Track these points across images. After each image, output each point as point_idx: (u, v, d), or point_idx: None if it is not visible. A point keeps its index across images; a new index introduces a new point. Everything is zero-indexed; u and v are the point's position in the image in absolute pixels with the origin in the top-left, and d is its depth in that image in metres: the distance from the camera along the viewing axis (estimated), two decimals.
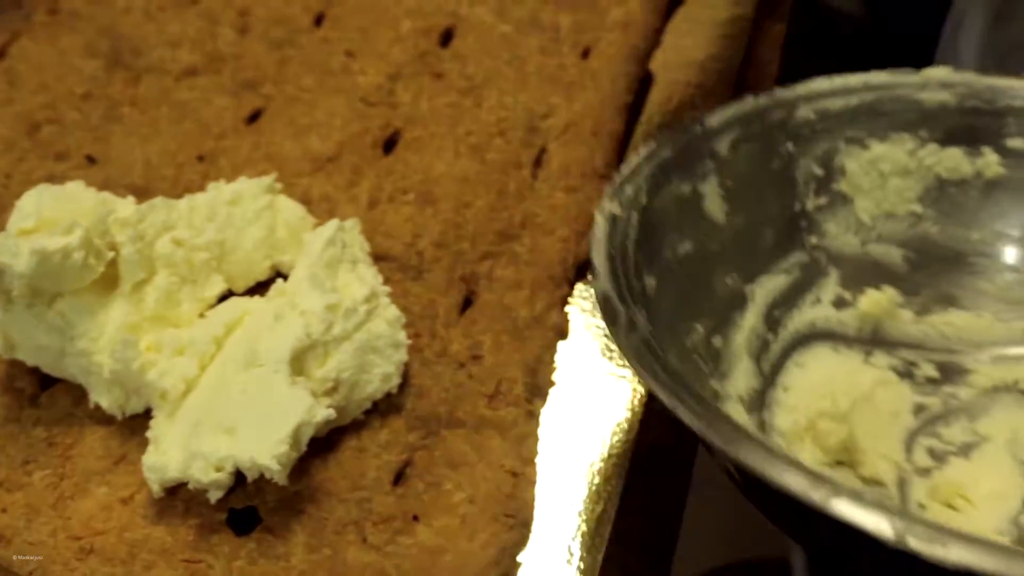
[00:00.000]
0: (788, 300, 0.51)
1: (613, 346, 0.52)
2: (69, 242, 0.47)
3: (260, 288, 0.51)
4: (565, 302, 0.53)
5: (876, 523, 0.34)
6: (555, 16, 0.66)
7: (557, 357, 0.51)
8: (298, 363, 0.45)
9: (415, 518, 0.44)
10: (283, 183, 0.55)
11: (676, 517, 0.47)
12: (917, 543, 0.33)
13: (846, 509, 0.34)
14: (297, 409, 0.42)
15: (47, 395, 0.49)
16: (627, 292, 0.42)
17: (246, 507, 0.44)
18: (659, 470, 0.48)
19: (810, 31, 0.71)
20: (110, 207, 0.50)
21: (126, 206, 0.51)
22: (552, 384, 0.50)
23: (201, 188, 0.57)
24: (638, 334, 0.40)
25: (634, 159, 0.47)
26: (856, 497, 0.34)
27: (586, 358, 0.52)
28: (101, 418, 0.47)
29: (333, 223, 0.48)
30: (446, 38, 0.66)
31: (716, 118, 0.49)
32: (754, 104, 0.50)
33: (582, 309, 0.54)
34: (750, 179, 0.50)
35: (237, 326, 0.48)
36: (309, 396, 0.43)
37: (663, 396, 0.38)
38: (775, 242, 0.52)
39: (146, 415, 0.46)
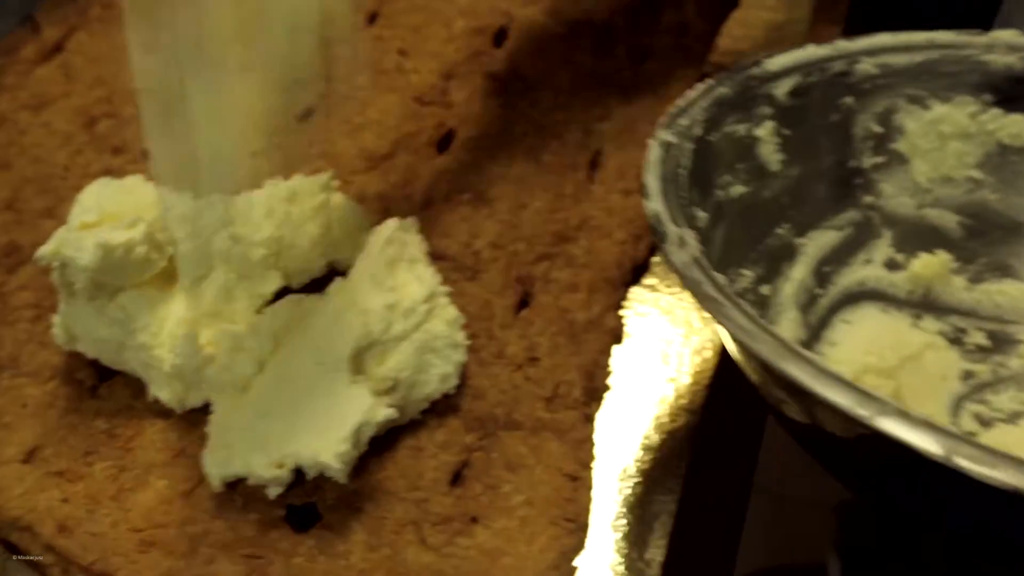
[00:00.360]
0: (839, 257, 0.51)
1: (670, 351, 0.52)
2: (132, 236, 0.47)
3: (316, 285, 0.51)
4: (620, 306, 0.53)
5: (924, 440, 0.32)
6: (609, 17, 0.66)
7: (612, 361, 0.51)
8: (357, 361, 0.45)
9: (473, 519, 0.44)
10: (338, 181, 0.55)
11: (737, 521, 0.46)
12: (965, 461, 0.32)
13: (893, 426, 0.33)
14: (358, 408, 0.42)
15: (106, 387, 0.49)
16: (679, 214, 0.41)
17: (305, 504, 0.44)
18: (717, 474, 0.47)
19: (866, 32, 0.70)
20: (169, 202, 0.50)
21: (184, 201, 0.51)
22: (607, 388, 0.50)
23: (256, 184, 0.57)
24: (688, 250, 0.40)
25: (691, 93, 0.46)
26: (904, 415, 0.33)
27: (641, 363, 0.52)
28: (160, 411, 0.47)
29: (393, 221, 0.48)
30: (499, 38, 0.66)
31: (776, 62, 0.48)
32: (815, 53, 0.49)
33: (637, 313, 0.54)
34: (807, 130, 0.49)
35: (295, 323, 0.48)
36: (370, 395, 0.43)
37: (711, 310, 0.38)
38: (829, 197, 0.51)
39: (204, 409, 0.47)
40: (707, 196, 0.45)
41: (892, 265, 0.52)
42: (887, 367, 0.46)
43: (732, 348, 0.41)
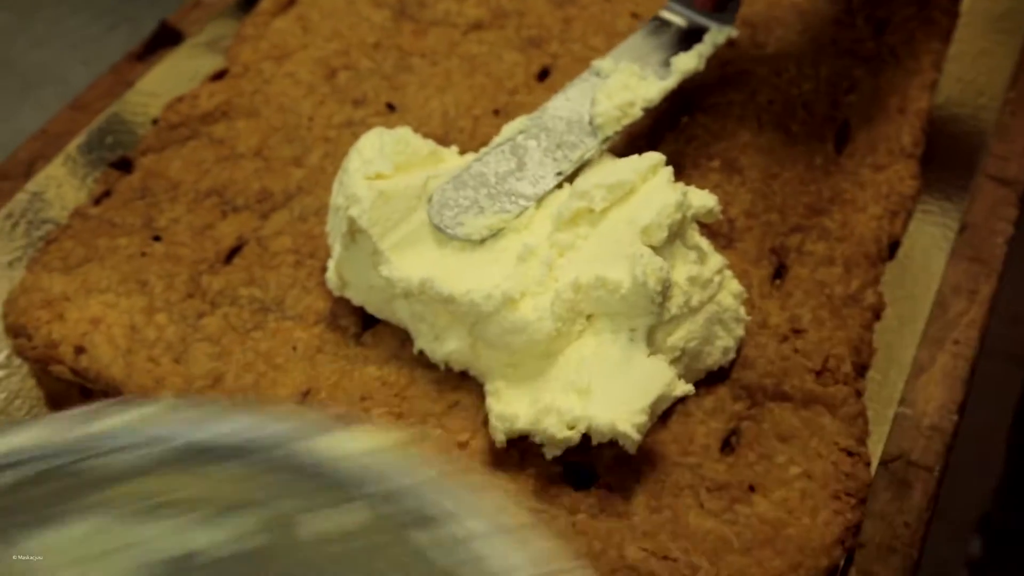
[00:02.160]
0: None
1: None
2: (414, 185, 0.47)
3: None
4: (878, 281, 0.52)
5: None
6: None
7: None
8: (651, 332, 0.44)
9: (751, 488, 0.44)
10: None
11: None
12: None
13: None
14: (659, 381, 0.42)
15: (371, 335, 0.50)
16: None
17: (582, 462, 0.45)
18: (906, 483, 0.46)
19: None
20: (441, 156, 0.50)
21: (452, 155, 0.51)
22: (870, 366, 0.49)
23: None
24: None
25: None
26: None
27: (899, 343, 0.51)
28: (428, 363, 0.48)
29: (680, 186, 0.47)
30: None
31: None
32: None
33: (889, 291, 0.52)
34: None
35: (587, 287, 0.45)
36: (671, 370, 0.43)
37: None
38: None
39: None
40: None
41: None
42: None
43: None
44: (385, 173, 0.47)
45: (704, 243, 0.47)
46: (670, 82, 0.54)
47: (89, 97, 0.66)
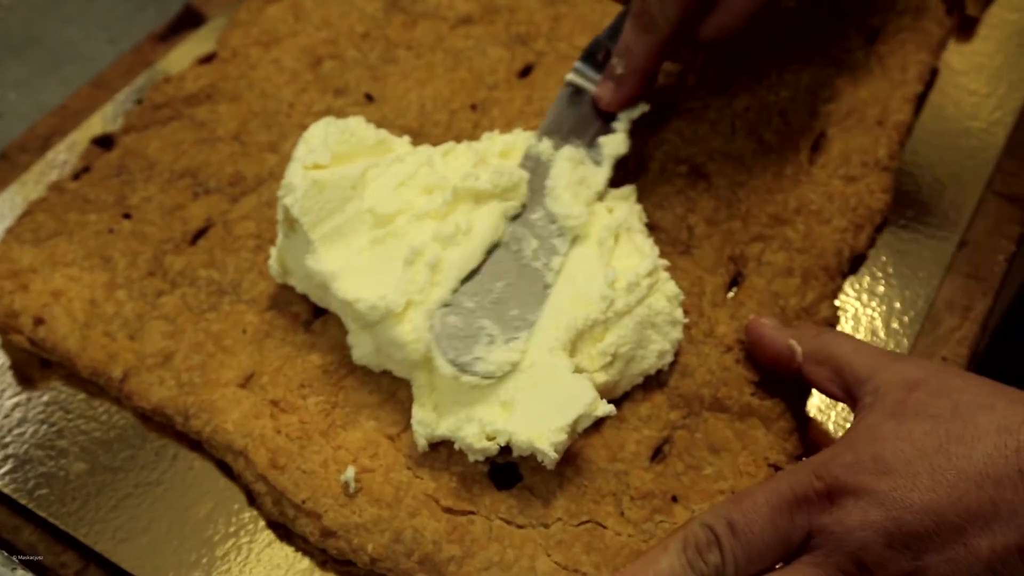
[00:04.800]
0: None
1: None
2: (351, 176, 0.48)
3: None
4: (836, 295, 0.51)
5: None
6: None
7: None
8: (573, 343, 0.44)
9: (674, 499, 0.44)
10: None
11: None
12: None
13: None
14: (580, 401, 0.42)
15: (320, 323, 0.50)
16: None
17: (508, 463, 0.45)
18: None
19: None
20: (389, 146, 0.51)
21: (403, 145, 0.52)
22: None
23: (472, 136, 0.58)
24: None
25: None
26: None
27: None
28: None
29: (625, 188, 0.47)
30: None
31: None
32: None
33: (851, 305, 0.52)
34: None
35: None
36: (593, 389, 0.42)
37: None
38: None
39: None
40: None
41: None
42: None
43: None
44: (322, 163, 0.48)
45: (642, 241, 0.47)
46: (605, 170, 0.51)
47: (110, 75, 0.67)
